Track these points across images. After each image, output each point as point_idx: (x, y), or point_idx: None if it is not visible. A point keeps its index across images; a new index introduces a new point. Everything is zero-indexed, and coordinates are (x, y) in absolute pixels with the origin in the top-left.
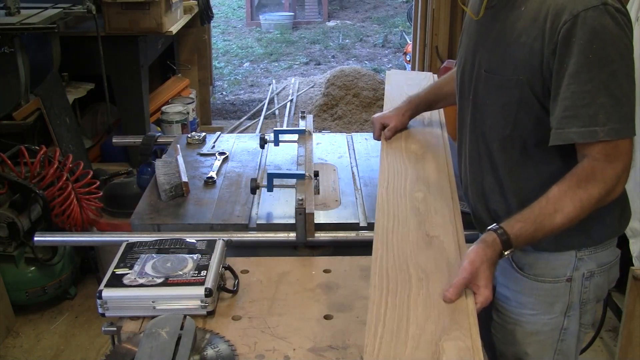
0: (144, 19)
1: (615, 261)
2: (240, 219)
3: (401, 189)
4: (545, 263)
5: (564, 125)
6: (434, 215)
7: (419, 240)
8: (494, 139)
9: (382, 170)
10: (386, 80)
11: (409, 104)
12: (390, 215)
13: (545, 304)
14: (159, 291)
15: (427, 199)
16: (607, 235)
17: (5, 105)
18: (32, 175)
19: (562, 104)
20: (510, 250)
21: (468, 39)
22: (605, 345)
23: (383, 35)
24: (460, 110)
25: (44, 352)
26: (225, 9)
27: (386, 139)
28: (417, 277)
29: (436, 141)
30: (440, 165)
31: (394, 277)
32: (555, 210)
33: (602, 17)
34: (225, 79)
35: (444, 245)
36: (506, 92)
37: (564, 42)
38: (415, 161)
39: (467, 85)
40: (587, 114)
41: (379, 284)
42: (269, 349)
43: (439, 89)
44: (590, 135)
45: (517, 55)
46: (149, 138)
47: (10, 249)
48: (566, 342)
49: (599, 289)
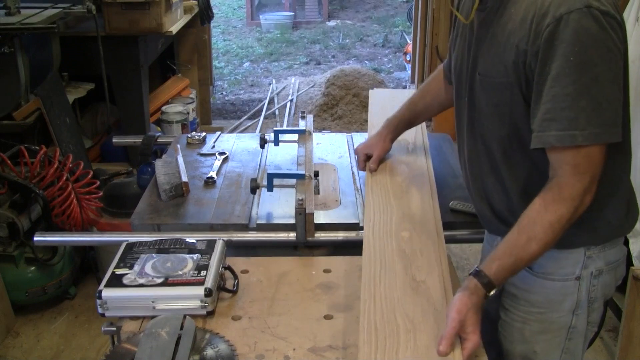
0: (144, 19)
1: (622, 259)
2: (240, 219)
3: (387, 229)
4: (554, 261)
5: (544, 128)
6: (420, 257)
7: (405, 287)
8: (493, 140)
9: (368, 207)
10: (370, 99)
11: (388, 127)
12: (377, 261)
13: (553, 302)
14: (159, 291)
15: (412, 238)
16: (614, 233)
17: (5, 105)
18: (32, 175)
19: (543, 107)
20: (494, 290)
21: (462, 42)
22: (605, 345)
23: (383, 35)
24: (458, 111)
25: (44, 352)
26: (225, 9)
27: (371, 172)
28: (405, 328)
29: (421, 171)
30: (425, 198)
31: (382, 331)
32: (529, 239)
33: (585, 20)
34: (225, 78)
35: (430, 291)
36: (499, 94)
37: (547, 45)
38: (401, 195)
39: (464, 86)
40: (567, 117)
41: (368, 340)
42: (268, 349)
43: (414, 106)
44: (569, 139)
45: (506, 58)
46: (149, 138)
47: (10, 249)
48: (574, 340)
49: (606, 287)
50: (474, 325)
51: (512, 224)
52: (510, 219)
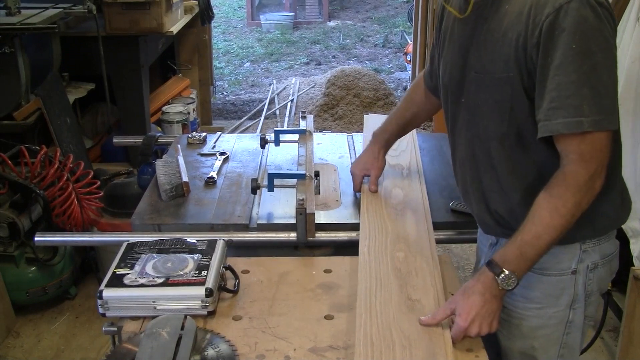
0: (144, 19)
1: (616, 252)
2: (240, 219)
3: (382, 248)
4: (551, 256)
5: (550, 116)
6: (415, 277)
7: (401, 305)
8: (491, 138)
9: (363, 226)
10: (364, 124)
11: (379, 143)
12: (372, 277)
13: (551, 297)
14: (160, 291)
15: (407, 259)
16: (611, 225)
17: (5, 105)
18: (33, 175)
19: (548, 96)
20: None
21: (452, 43)
22: (605, 345)
23: (384, 35)
24: (450, 115)
25: (45, 352)
26: (225, 9)
27: (372, 192)
28: (401, 344)
29: (415, 195)
30: (420, 221)
31: (378, 345)
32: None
33: (584, 9)
34: (225, 79)
35: (425, 310)
36: (498, 90)
37: (548, 35)
38: (395, 218)
39: (457, 88)
40: (572, 105)
41: (364, 352)
42: (269, 349)
43: (401, 119)
44: (576, 125)
45: (505, 52)
46: (149, 138)
47: (11, 249)
48: (571, 335)
49: (602, 281)
50: (464, 310)
51: (510, 225)
52: (508, 219)
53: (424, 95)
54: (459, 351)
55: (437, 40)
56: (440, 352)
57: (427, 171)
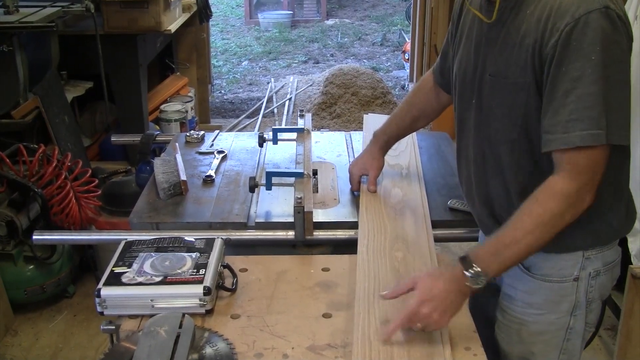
0: (142, 18)
1: (619, 260)
2: (238, 217)
3: (381, 248)
4: (553, 263)
5: (569, 129)
6: None
7: (398, 306)
8: (501, 142)
9: (362, 226)
10: (364, 123)
11: (378, 144)
12: (371, 277)
13: (552, 303)
14: (158, 290)
15: (406, 258)
16: (614, 236)
17: (3, 104)
18: (31, 173)
19: (567, 108)
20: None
21: (469, 42)
22: (604, 344)
23: (382, 33)
24: (461, 114)
25: (43, 351)
26: (223, 8)
27: (372, 192)
28: (399, 343)
29: (415, 195)
30: (419, 221)
31: (376, 345)
32: (515, 228)
33: (603, 21)
34: (223, 77)
35: None
36: (513, 96)
37: (564, 45)
38: (394, 218)
39: (469, 88)
40: (589, 117)
41: (362, 351)
42: (267, 347)
43: (401, 121)
44: (593, 139)
45: (522, 57)
46: (147, 136)
47: (9, 248)
48: (572, 341)
49: (603, 288)
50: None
51: None
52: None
53: (428, 96)
54: (456, 350)
55: (453, 37)
56: (438, 351)
57: (425, 169)
